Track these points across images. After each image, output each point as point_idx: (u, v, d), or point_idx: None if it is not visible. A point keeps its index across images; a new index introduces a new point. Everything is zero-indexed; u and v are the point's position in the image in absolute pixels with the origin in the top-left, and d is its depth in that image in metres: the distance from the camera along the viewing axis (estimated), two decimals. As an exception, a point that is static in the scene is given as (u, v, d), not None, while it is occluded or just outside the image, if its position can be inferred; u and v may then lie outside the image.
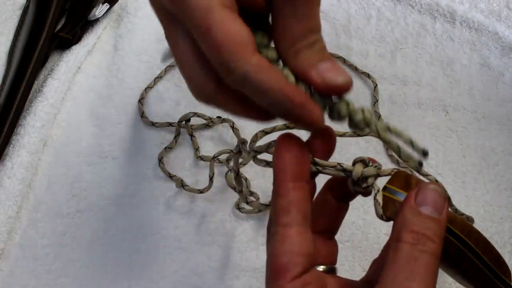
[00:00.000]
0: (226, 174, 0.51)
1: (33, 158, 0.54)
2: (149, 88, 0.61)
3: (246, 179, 0.53)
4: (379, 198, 0.31)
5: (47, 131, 0.56)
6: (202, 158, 0.55)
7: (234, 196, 0.53)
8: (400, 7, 0.70)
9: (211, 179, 0.51)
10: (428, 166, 0.56)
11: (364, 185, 0.32)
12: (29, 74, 0.58)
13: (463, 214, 0.51)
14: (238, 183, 0.38)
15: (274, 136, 0.34)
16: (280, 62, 0.31)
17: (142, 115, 0.58)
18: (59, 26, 0.64)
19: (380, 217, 0.31)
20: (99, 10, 0.64)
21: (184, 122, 0.55)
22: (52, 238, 0.51)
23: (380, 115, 0.60)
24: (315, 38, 0.31)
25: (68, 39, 0.62)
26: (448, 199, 0.31)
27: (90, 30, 0.65)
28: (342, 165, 0.32)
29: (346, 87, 0.31)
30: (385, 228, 0.52)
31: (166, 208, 0.53)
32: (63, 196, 0.53)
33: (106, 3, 0.65)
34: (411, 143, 0.31)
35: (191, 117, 0.55)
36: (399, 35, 0.67)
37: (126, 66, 0.63)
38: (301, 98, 0.29)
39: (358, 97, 0.62)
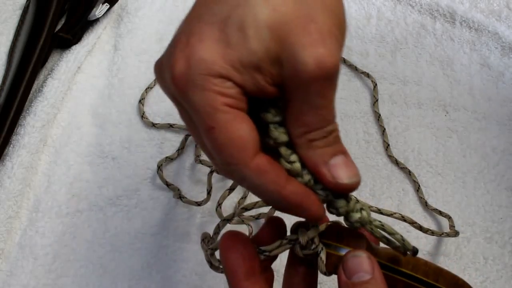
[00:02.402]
0: (216, 209, 0.50)
1: (33, 158, 0.54)
2: (149, 88, 0.61)
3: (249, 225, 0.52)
4: (323, 255, 0.32)
5: (47, 131, 0.56)
6: (201, 162, 0.55)
7: (234, 197, 0.53)
8: (400, 7, 0.70)
9: (209, 193, 0.51)
10: (428, 166, 0.56)
11: (313, 246, 0.32)
12: (29, 74, 0.58)
13: (456, 231, 0.51)
14: (215, 268, 0.38)
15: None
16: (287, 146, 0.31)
17: (142, 115, 0.58)
18: (59, 26, 0.64)
19: (324, 273, 0.32)
20: (99, 10, 0.64)
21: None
22: (52, 238, 0.51)
23: (380, 115, 0.60)
24: (330, 128, 0.30)
25: (68, 39, 0.62)
26: (405, 247, 0.32)
27: (90, 30, 0.65)
28: (285, 238, 0.33)
29: (354, 187, 0.31)
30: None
31: (166, 208, 0.53)
32: (63, 196, 0.53)
33: (106, 3, 0.65)
34: (403, 241, 0.32)
35: None
36: (399, 35, 0.67)
37: (126, 66, 0.63)
38: (297, 199, 0.29)
39: (358, 97, 0.62)
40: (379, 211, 0.38)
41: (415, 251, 0.32)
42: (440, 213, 0.52)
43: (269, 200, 0.30)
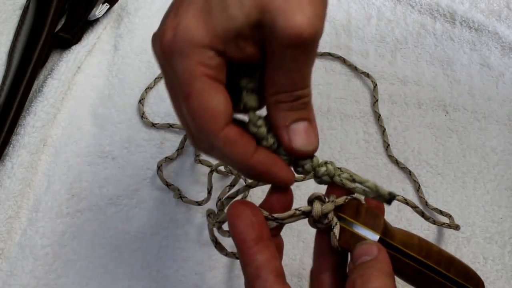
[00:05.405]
0: (216, 204, 0.50)
1: (33, 158, 0.54)
2: (149, 88, 0.61)
3: None
4: (336, 230, 0.33)
5: (47, 131, 0.56)
6: (201, 162, 0.55)
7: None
8: (400, 7, 0.70)
9: (209, 192, 0.51)
10: (428, 166, 0.56)
11: (326, 221, 0.33)
12: (29, 74, 0.58)
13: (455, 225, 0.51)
14: (220, 249, 0.38)
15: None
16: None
17: (142, 115, 0.58)
18: (59, 26, 0.64)
19: (335, 248, 0.33)
20: (99, 10, 0.64)
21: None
22: (52, 238, 0.51)
23: (380, 115, 0.60)
24: (298, 94, 0.31)
25: (68, 39, 0.62)
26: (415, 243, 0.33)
27: (90, 30, 0.65)
28: (299, 209, 0.33)
29: (309, 155, 0.32)
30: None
31: (166, 208, 0.53)
32: (63, 196, 0.53)
33: (106, 3, 0.65)
34: (377, 189, 0.32)
35: None
36: (399, 35, 0.67)
37: (126, 66, 0.63)
38: (264, 167, 0.31)
39: (358, 96, 0.62)
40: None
41: (392, 196, 0.32)
42: (441, 212, 0.53)
43: (238, 168, 0.32)
